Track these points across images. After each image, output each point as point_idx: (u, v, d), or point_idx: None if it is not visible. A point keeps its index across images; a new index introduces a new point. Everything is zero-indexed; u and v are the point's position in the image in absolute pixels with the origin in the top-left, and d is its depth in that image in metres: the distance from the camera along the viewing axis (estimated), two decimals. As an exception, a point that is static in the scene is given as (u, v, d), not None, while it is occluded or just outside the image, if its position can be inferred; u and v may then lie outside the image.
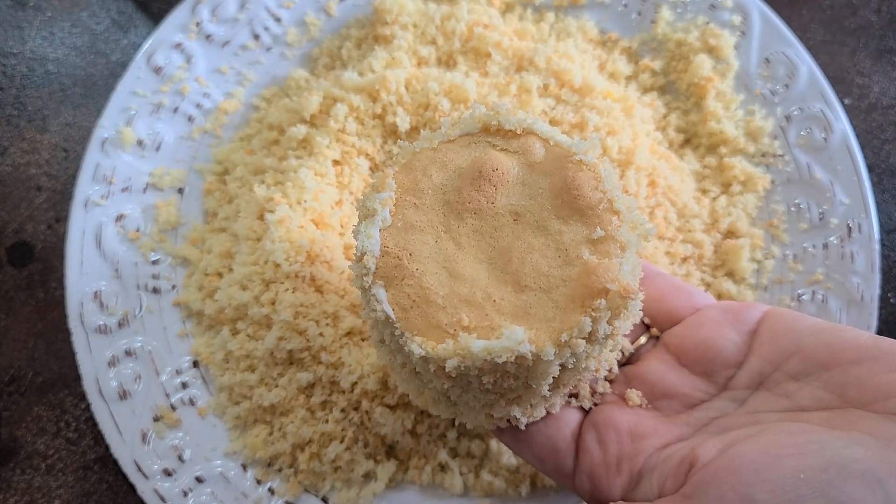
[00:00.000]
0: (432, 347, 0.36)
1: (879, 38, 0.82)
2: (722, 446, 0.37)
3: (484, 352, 0.34)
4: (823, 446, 0.34)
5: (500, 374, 0.37)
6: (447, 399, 0.43)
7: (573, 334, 0.35)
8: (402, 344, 0.37)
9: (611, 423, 0.44)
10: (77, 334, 0.62)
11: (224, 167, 0.70)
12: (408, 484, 0.61)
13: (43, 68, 0.78)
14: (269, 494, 0.60)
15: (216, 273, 0.65)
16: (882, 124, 0.79)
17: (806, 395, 0.39)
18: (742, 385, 0.42)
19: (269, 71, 0.73)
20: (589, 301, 0.36)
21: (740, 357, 0.43)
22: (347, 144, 0.65)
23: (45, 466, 0.65)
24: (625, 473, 0.42)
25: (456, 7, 0.71)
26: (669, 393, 0.45)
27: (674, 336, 0.47)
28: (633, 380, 0.47)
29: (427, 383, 0.41)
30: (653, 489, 0.40)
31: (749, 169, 0.69)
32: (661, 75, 0.74)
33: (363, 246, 0.38)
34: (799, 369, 0.40)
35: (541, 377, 0.37)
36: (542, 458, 0.46)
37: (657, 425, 0.43)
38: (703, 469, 0.36)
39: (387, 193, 0.40)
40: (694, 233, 0.67)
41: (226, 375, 0.62)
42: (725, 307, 0.46)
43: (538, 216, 0.39)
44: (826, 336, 0.40)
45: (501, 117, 0.41)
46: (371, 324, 0.43)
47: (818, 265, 0.65)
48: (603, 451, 0.44)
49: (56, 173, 0.74)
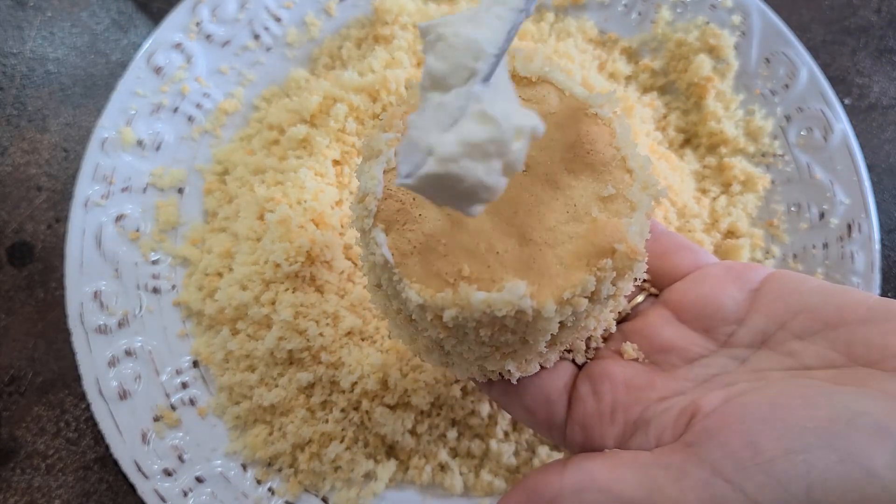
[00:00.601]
0: (430, 295, 0.35)
1: (879, 38, 0.82)
2: (726, 396, 0.36)
3: (483, 304, 0.33)
4: (832, 398, 0.32)
5: (497, 328, 0.36)
6: (440, 349, 0.41)
7: (576, 292, 0.34)
8: (400, 290, 0.36)
9: (606, 374, 0.43)
10: (77, 334, 0.62)
11: (224, 167, 0.70)
12: (408, 484, 0.61)
13: (43, 68, 0.78)
14: (269, 494, 0.60)
15: (216, 273, 0.65)
16: (882, 124, 0.79)
17: (811, 353, 0.38)
18: (744, 343, 0.41)
19: (270, 71, 0.73)
20: (595, 260, 0.35)
21: (741, 314, 0.42)
22: (347, 144, 0.65)
23: (45, 466, 0.65)
24: (619, 423, 0.40)
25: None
26: (667, 347, 0.43)
27: (673, 292, 0.45)
28: (630, 335, 0.46)
29: (422, 332, 0.40)
30: (649, 441, 0.38)
31: (749, 169, 0.69)
32: (661, 75, 0.74)
33: (366, 186, 0.37)
34: (804, 328, 0.39)
35: (539, 333, 0.36)
36: (533, 409, 0.45)
37: (654, 378, 0.42)
38: (705, 418, 0.35)
39: (393, 134, 0.38)
40: (694, 233, 0.67)
41: (226, 375, 0.62)
42: (729, 265, 0.44)
43: (548, 169, 0.38)
44: (833, 296, 0.39)
45: (518, 63, 0.39)
46: (368, 267, 0.41)
47: (818, 265, 0.65)
48: (597, 400, 0.42)
49: (56, 173, 0.74)
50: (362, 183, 0.37)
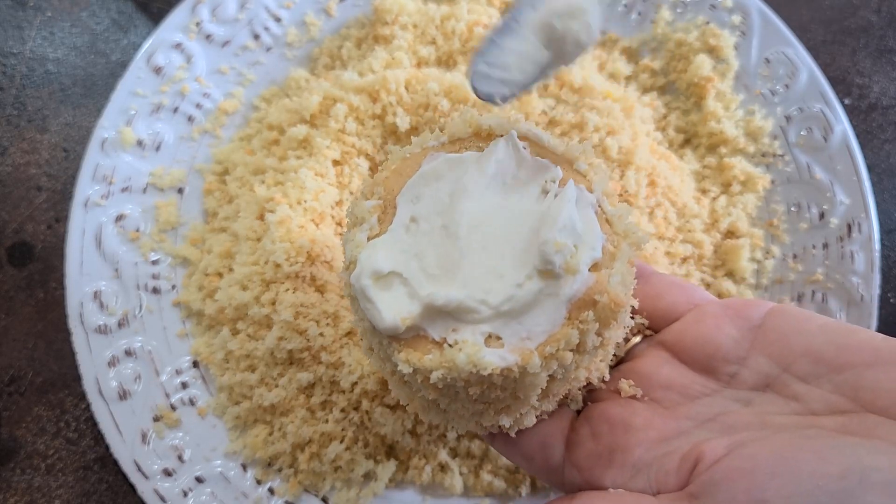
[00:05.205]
0: (418, 359, 0.35)
1: (879, 38, 0.82)
2: (730, 444, 0.35)
3: (468, 364, 0.34)
4: (842, 452, 0.31)
5: (486, 386, 0.36)
6: (436, 407, 0.42)
7: (560, 346, 0.35)
8: (389, 354, 0.37)
9: (604, 416, 0.42)
10: (77, 334, 0.62)
11: (224, 167, 0.70)
12: (408, 484, 0.61)
13: (43, 68, 0.78)
14: (269, 494, 0.60)
15: (216, 273, 0.65)
16: (882, 124, 0.79)
17: (816, 397, 0.37)
18: (747, 385, 0.40)
19: (270, 71, 0.73)
20: (576, 313, 0.35)
21: (741, 353, 0.41)
22: (347, 144, 0.65)
23: (45, 466, 0.65)
24: (617, 465, 0.40)
25: (456, 7, 0.71)
26: (666, 384, 0.42)
27: (671, 333, 0.45)
28: (629, 375, 0.45)
29: (416, 392, 0.40)
30: (650, 484, 0.38)
31: (749, 169, 0.69)
32: (661, 75, 0.74)
33: (351, 254, 0.37)
34: (808, 371, 0.38)
35: (528, 388, 0.36)
36: (531, 455, 0.44)
37: (653, 417, 0.41)
38: (711, 468, 0.34)
39: (375, 201, 0.39)
40: (694, 233, 0.67)
41: (226, 375, 0.62)
42: (726, 303, 0.44)
43: None
44: (837, 336, 0.38)
45: (493, 122, 0.40)
46: (361, 332, 0.42)
47: (818, 265, 0.65)
48: (595, 442, 0.42)
49: (56, 173, 0.74)
50: (348, 251, 0.38)
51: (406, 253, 0.37)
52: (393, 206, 0.39)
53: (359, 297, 0.36)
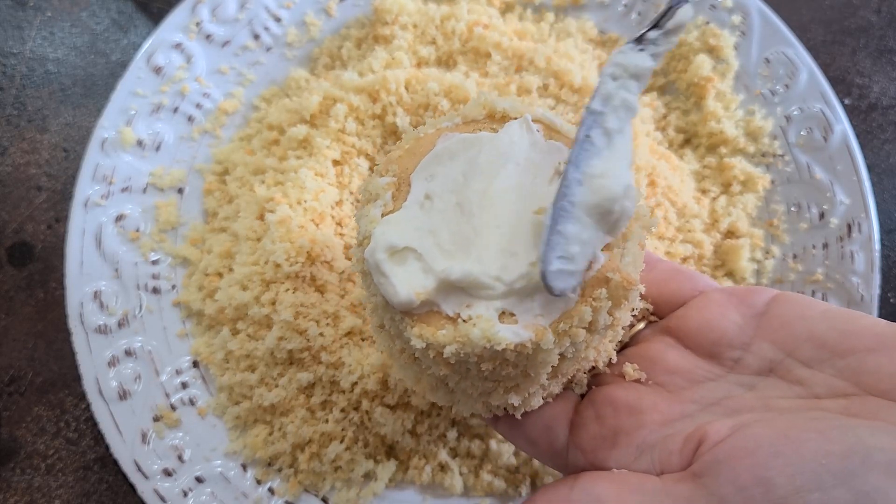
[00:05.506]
0: (431, 334, 0.35)
1: (879, 38, 0.82)
2: (734, 425, 0.35)
3: (483, 339, 0.34)
4: (845, 432, 0.32)
5: (499, 362, 0.36)
6: (445, 386, 0.42)
7: (573, 323, 0.35)
8: (402, 329, 0.37)
9: (609, 398, 0.43)
10: (77, 334, 0.62)
11: (224, 167, 0.70)
12: (408, 484, 0.61)
13: (43, 68, 0.78)
14: (269, 494, 0.60)
15: (216, 273, 0.65)
16: (882, 124, 0.79)
17: (819, 381, 0.37)
18: (751, 370, 0.41)
19: (270, 71, 0.73)
20: (589, 290, 0.36)
21: (745, 339, 0.41)
22: (347, 144, 0.65)
23: (45, 466, 0.65)
24: (621, 447, 0.40)
25: (456, 7, 0.71)
26: (670, 369, 0.43)
27: (676, 319, 0.45)
28: (634, 360, 0.45)
29: (425, 370, 0.41)
30: (654, 465, 0.38)
31: (749, 169, 0.69)
32: (661, 75, 0.74)
33: (365, 230, 0.38)
34: (811, 356, 0.38)
35: (540, 366, 0.37)
36: (535, 438, 0.45)
37: (658, 401, 0.41)
38: (714, 448, 0.34)
39: (389, 178, 0.39)
40: (694, 233, 0.67)
41: (226, 375, 0.62)
42: (730, 290, 0.44)
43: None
44: (840, 322, 0.38)
45: (508, 105, 0.41)
46: (371, 308, 0.42)
47: (818, 265, 0.65)
48: (599, 424, 0.42)
49: (56, 173, 0.74)
50: (361, 226, 0.38)
51: (420, 229, 0.37)
52: (407, 183, 0.39)
53: (373, 271, 0.36)
